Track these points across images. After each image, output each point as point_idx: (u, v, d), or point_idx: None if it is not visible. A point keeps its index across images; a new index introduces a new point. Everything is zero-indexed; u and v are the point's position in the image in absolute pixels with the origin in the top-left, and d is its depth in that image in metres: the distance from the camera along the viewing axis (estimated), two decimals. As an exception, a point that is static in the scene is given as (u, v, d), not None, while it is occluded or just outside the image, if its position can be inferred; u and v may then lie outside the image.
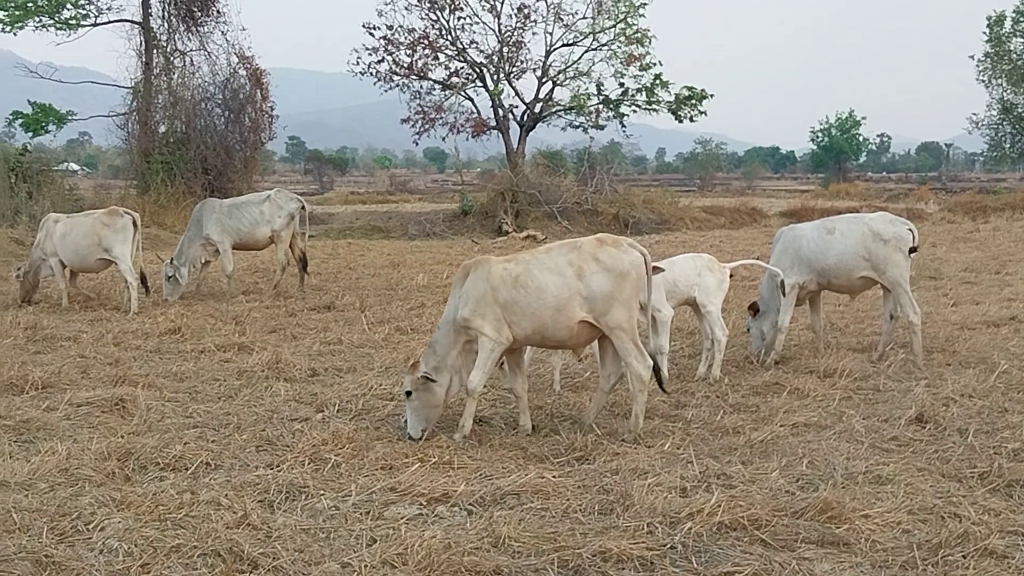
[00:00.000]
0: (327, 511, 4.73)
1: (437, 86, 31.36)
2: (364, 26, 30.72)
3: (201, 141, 24.64)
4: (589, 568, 4.07)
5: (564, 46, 31.17)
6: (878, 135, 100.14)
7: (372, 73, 30.80)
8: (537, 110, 31.38)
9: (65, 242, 11.51)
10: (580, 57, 31.10)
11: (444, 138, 31.58)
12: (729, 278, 8.01)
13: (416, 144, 35.56)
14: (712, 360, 7.75)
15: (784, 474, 5.19)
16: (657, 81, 30.72)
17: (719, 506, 4.54)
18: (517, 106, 31.73)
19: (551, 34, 31.00)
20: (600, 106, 31.20)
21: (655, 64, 30.62)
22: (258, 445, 5.84)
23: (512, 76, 31.21)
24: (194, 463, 5.38)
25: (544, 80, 31.24)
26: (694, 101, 30.97)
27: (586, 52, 30.99)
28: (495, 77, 30.99)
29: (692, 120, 31.42)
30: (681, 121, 31.49)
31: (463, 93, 31.43)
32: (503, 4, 30.49)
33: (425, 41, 30.50)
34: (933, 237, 20.11)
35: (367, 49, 30.71)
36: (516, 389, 6.31)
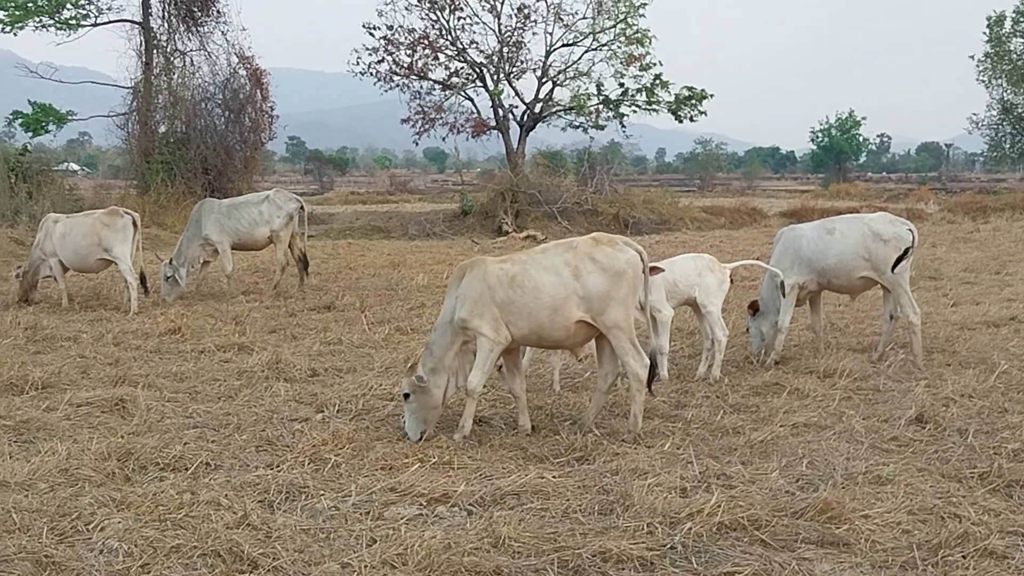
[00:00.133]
0: (327, 511, 4.73)
1: (437, 86, 31.39)
2: (364, 26, 30.78)
3: (201, 141, 24.63)
4: (589, 568, 4.07)
5: (564, 46, 31.24)
6: (878, 135, 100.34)
7: (372, 73, 30.87)
8: (537, 110, 31.40)
9: (65, 242, 11.50)
10: (580, 57, 31.20)
11: (444, 138, 31.69)
12: (729, 278, 8.03)
13: (416, 144, 35.59)
14: (712, 360, 7.75)
15: (784, 474, 5.19)
16: (657, 81, 30.75)
17: (719, 506, 4.54)
18: (517, 106, 31.81)
19: (551, 34, 31.10)
20: (600, 106, 31.23)
21: (655, 64, 30.71)
22: (258, 445, 5.84)
23: (512, 76, 31.25)
24: (194, 463, 5.38)
25: (544, 80, 31.28)
26: (694, 101, 30.99)
27: (586, 52, 31.08)
28: (495, 77, 31.02)
29: (692, 120, 31.49)
30: (681, 121, 31.52)
31: (463, 93, 31.47)
32: (503, 4, 30.57)
33: (425, 41, 30.52)
34: (933, 237, 20.12)
35: (367, 49, 30.79)
36: (514, 389, 6.31)
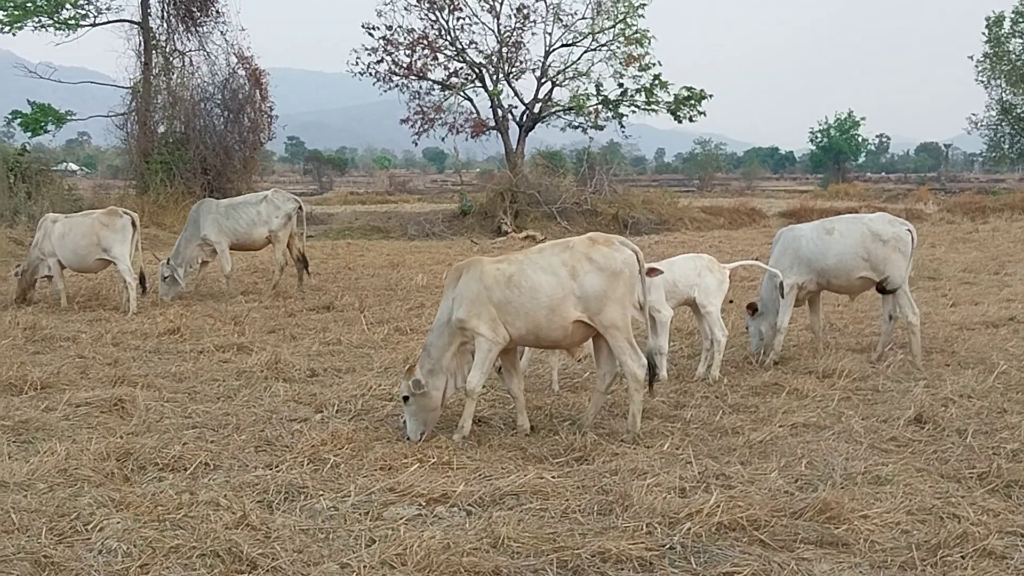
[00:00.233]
0: (326, 511, 4.73)
1: (436, 86, 31.41)
2: (363, 26, 30.80)
3: (200, 141, 24.63)
4: (588, 568, 4.07)
5: (563, 46, 31.27)
6: (877, 135, 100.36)
7: (371, 73, 30.89)
8: (536, 110, 31.42)
9: (64, 242, 11.50)
10: (579, 57, 31.23)
11: (443, 138, 31.73)
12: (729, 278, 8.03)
13: (415, 144, 35.58)
14: (711, 360, 7.76)
15: (783, 474, 5.19)
16: (656, 81, 30.78)
17: (718, 506, 4.54)
18: (516, 106, 31.84)
19: (550, 34, 31.13)
20: (599, 106, 31.26)
21: (654, 64, 30.75)
22: (257, 445, 5.84)
23: (511, 76, 31.28)
24: (193, 463, 5.38)
25: (543, 80, 31.31)
26: (693, 101, 31.01)
27: (585, 52, 31.12)
28: (494, 77, 31.03)
29: (691, 120, 31.51)
30: (680, 121, 31.54)
31: (462, 93, 31.49)
32: (502, 4, 30.59)
33: (424, 41, 30.54)
34: (932, 237, 20.12)
35: (366, 49, 30.81)
36: (513, 389, 6.31)
